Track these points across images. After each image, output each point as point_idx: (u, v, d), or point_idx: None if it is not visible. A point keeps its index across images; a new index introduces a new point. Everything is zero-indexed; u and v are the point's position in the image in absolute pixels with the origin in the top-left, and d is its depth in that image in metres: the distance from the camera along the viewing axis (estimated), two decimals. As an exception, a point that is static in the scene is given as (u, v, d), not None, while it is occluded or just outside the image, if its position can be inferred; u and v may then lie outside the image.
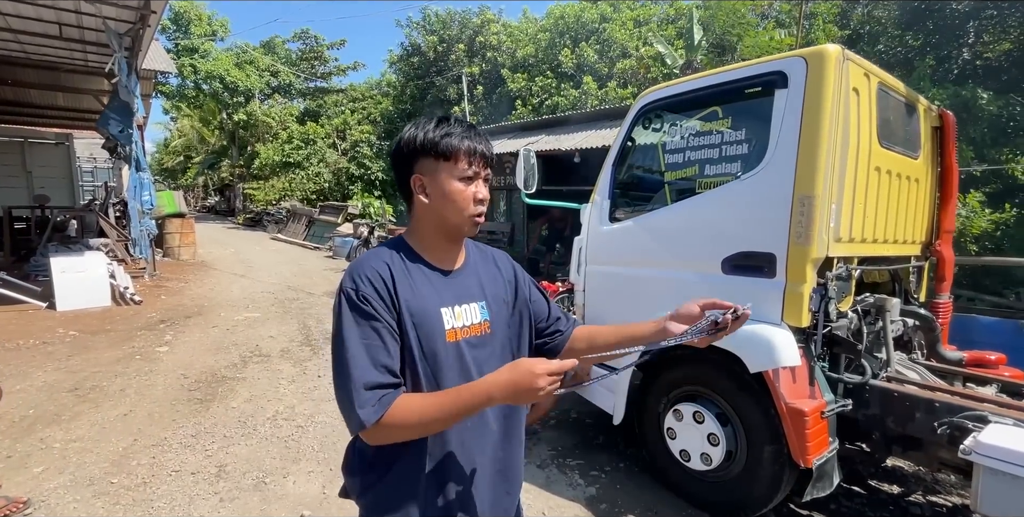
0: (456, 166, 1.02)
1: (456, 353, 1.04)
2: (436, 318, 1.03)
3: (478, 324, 1.08)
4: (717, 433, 2.37)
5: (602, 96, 10.98)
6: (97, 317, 6.07)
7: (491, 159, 1.06)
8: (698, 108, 2.63)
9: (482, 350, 1.09)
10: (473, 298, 1.10)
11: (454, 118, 1.06)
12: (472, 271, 1.13)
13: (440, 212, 1.04)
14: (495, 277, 1.16)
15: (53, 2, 5.75)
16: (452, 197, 1.02)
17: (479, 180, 1.04)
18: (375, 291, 0.98)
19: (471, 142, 1.02)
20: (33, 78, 10.35)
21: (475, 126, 1.07)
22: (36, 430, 3.22)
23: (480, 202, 1.05)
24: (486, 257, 1.19)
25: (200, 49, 20.94)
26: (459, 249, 1.12)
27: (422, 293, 1.03)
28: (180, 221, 11.02)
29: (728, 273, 2.37)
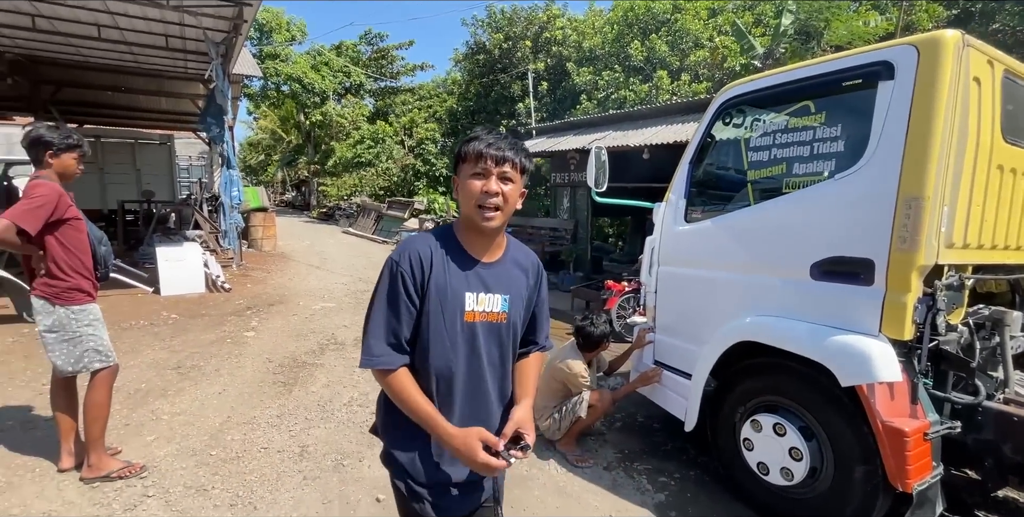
0: (470, 166, 1.19)
1: (470, 331, 1.23)
2: (460, 299, 1.21)
3: (497, 313, 1.26)
4: (800, 448, 2.24)
5: (673, 90, 10.59)
6: (194, 302, 6.66)
7: (502, 160, 1.18)
8: (788, 103, 2.47)
9: (493, 334, 1.27)
10: (499, 290, 1.26)
11: (493, 131, 1.23)
12: (505, 268, 1.29)
13: (462, 205, 1.23)
14: (522, 278, 1.32)
15: (162, 17, 6.33)
16: (465, 190, 1.20)
17: (491, 176, 1.18)
18: (411, 269, 1.19)
19: (483, 146, 1.18)
20: (142, 85, 11.48)
21: (506, 136, 1.22)
22: (148, 402, 3.60)
23: (486, 193, 1.17)
24: (523, 259, 1.34)
25: (281, 54, 22.33)
26: (490, 242, 1.26)
27: (454, 276, 1.21)
28: (263, 215, 11.84)
29: (817, 279, 2.22)
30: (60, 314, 2.57)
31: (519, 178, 1.22)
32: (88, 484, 2.59)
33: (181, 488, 2.61)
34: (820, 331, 2.14)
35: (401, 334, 1.20)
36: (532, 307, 1.36)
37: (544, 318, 1.42)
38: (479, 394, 1.27)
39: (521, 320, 1.32)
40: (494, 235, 1.25)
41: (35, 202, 2.43)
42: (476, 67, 17.57)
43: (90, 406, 2.65)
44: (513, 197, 1.21)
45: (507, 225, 1.26)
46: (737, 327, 2.48)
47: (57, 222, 2.52)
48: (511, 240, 1.35)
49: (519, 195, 1.25)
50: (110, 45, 7.79)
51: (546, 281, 1.40)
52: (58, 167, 2.58)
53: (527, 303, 1.33)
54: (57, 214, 2.50)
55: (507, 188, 1.19)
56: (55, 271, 2.55)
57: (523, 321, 1.33)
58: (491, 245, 1.27)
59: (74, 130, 2.69)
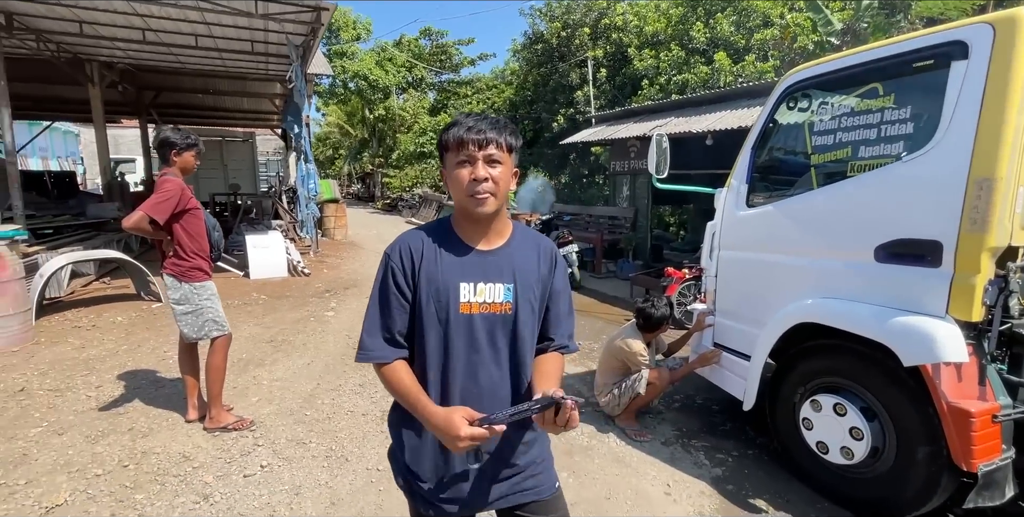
0: (453, 155, 1.14)
1: (467, 324, 1.16)
2: (453, 291, 1.15)
3: (499, 303, 1.17)
4: (861, 428, 2.28)
5: (737, 71, 10.20)
6: (278, 285, 7.32)
7: (485, 142, 1.11)
8: (855, 86, 2.46)
9: (498, 326, 1.18)
10: (501, 279, 1.18)
11: (472, 114, 1.18)
12: (508, 255, 1.21)
13: (453, 195, 1.18)
14: (530, 266, 1.22)
15: (250, 24, 6.93)
16: (454, 181, 1.15)
17: (477, 162, 1.11)
18: (400, 262, 1.17)
19: (462, 132, 1.12)
20: (227, 87, 12.53)
21: (486, 116, 1.16)
22: (249, 370, 4.10)
23: (475, 181, 1.11)
24: (531, 246, 1.25)
25: (348, 52, 23.35)
26: (486, 229, 1.19)
27: (445, 268, 1.16)
28: (335, 206, 12.62)
29: (882, 261, 2.23)
30: (185, 290, 3.02)
31: (508, 158, 1.15)
32: (210, 433, 3.05)
33: (284, 440, 3.01)
34: (883, 312, 2.16)
35: (394, 328, 1.17)
36: (546, 298, 1.25)
37: (562, 313, 1.28)
38: (481, 390, 1.19)
39: (533, 309, 1.21)
40: (490, 221, 1.18)
41: (164, 196, 2.87)
42: (534, 57, 17.60)
43: (210, 368, 3.11)
44: (504, 179, 1.14)
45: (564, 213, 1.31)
46: (798, 309, 2.52)
47: (181, 212, 2.96)
48: (518, 227, 1.27)
49: (511, 175, 1.18)
50: (204, 52, 8.59)
51: (564, 270, 1.29)
52: (181, 163, 3.02)
53: (541, 292, 1.23)
54: (181, 205, 2.93)
55: (496, 171, 1.12)
56: (180, 253, 3.00)
57: (537, 311, 1.23)
58: (488, 232, 1.20)
59: (192, 132, 3.13)
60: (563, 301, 1.28)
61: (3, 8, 6.40)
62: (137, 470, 2.67)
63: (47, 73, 9.62)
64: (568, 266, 7.50)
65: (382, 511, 2.39)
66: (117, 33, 7.55)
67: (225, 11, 6.17)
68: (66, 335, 4.83)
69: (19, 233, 4.67)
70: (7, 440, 2.94)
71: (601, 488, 2.59)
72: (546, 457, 1.31)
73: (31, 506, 2.36)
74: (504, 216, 1.23)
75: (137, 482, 2.57)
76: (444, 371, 1.18)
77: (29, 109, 12.67)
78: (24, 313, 4.57)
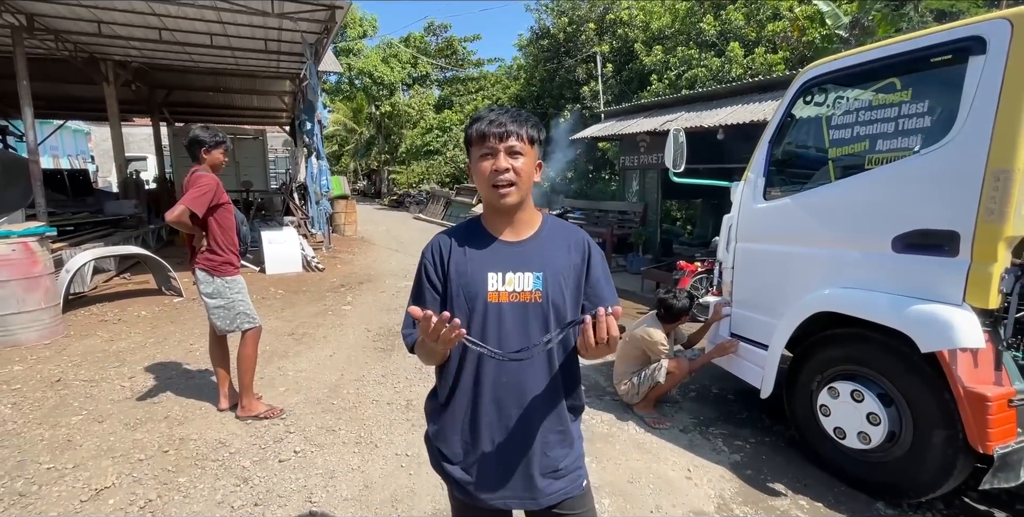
0: (476, 149, 1.18)
1: (496, 312, 1.18)
2: (481, 281, 1.19)
3: (529, 292, 1.19)
4: (879, 413, 2.35)
5: (748, 63, 10.19)
6: (294, 280, 7.44)
7: (506, 135, 1.14)
8: (872, 80, 2.52)
9: (529, 315, 1.19)
10: (530, 268, 1.20)
11: (495, 108, 1.21)
12: (537, 245, 1.23)
13: (479, 189, 1.21)
14: (560, 255, 1.23)
15: (265, 23, 7.01)
16: (478, 174, 1.19)
17: (499, 154, 1.15)
18: (432, 257, 1.24)
19: (484, 125, 1.15)
20: (238, 85, 12.62)
21: (509, 109, 1.19)
22: (274, 361, 4.21)
23: (496, 172, 1.15)
24: (561, 237, 1.26)
25: (353, 49, 23.41)
26: (511, 219, 1.22)
27: (473, 259, 1.21)
28: (345, 202, 12.73)
29: (900, 251, 2.30)
30: (218, 284, 3.12)
31: (530, 150, 1.17)
32: (243, 421, 3.16)
33: (314, 428, 3.12)
34: (901, 301, 2.23)
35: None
36: (583, 286, 1.24)
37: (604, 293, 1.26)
38: (511, 379, 1.21)
39: (565, 298, 1.21)
40: (513, 211, 1.21)
41: (201, 190, 2.97)
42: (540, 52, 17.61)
43: (241, 359, 3.21)
44: (527, 170, 1.17)
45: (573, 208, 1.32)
46: (816, 299, 2.59)
47: (216, 206, 3.06)
48: (549, 218, 1.30)
49: (535, 167, 1.20)
50: (218, 50, 8.69)
51: (601, 257, 1.29)
52: (210, 160, 3.12)
53: (575, 281, 1.23)
54: (216, 199, 3.04)
55: (517, 162, 1.15)
56: (214, 247, 3.09)
57: (570, 300, 1.22)
58: (515, 222, 1.23)
59: (220, 130, 3.22)
60: (603, 285, 1.27)
61: (25, 9, 6.52)
62: (177, 455, 2.78)
63: (62, 72, 9.74)
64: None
65: (414, 494, 2.49)
66: (134, 33, 7.66)
67: (242, 10, 6.26)
68: (94, 329, 4.96)
69: (48, 229, 4.80)
70: (51, 427, 3.06)
71: (624, 473, 2.68)
72: (580, 455, 1.33)
73: (81, 488, 2.48)
74: (531, 207, 1.25)
75: (178, 466, 2.68)
76: (477, 361, 1.21)
77: (43, 108, 12.82)
78: (55, 307, 4.71)
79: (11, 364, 4.05)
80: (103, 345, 4.51)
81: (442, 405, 1.28)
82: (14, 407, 3.33)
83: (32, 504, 2.36)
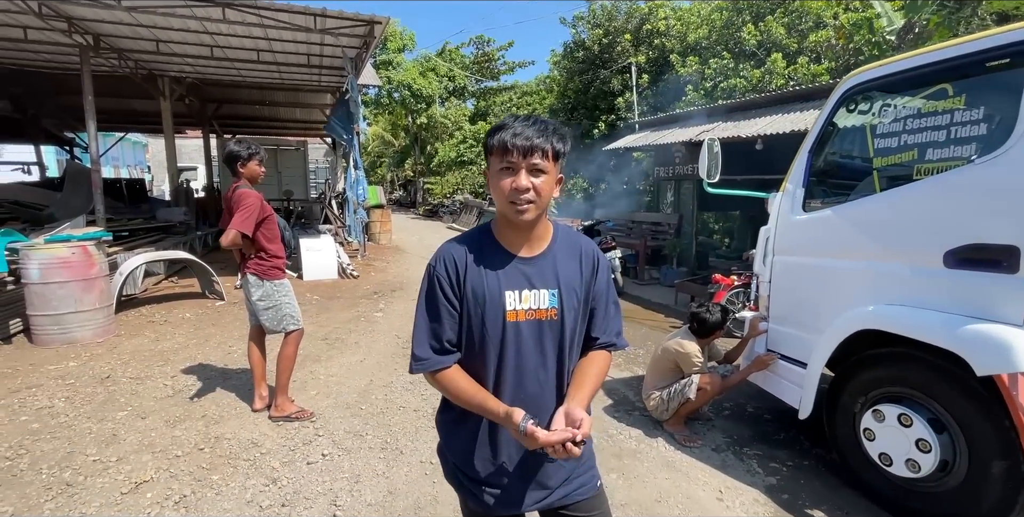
0: (497, 160, 1.11)
1: (515, 331, 1.16)
2: (498, 300, 1.15)
3: (545, 309, 1.17)
4: (929, 440, 2.20)
5: (790, 74, 9.93)
6: (329, 287, 7.63)
7: (530, 150, 1.08)
8: (921, 86, 2.40)
9: (545, 333, 1.18)
10: (546, 285, 1.18)
11: (520, 117, 1.14)
12: (551, 260, 1.20)
13: (495, 201, 1.17)
14: (574, 269, 1.21)
15: (308, 39, 7.32)
16: (496, 188, 1.13)
17: (520, 171, 1.09)
18: (446, 272, 1.17)
19: (508, 137, 1.09)
20: (283, 98, 13.20)
21: (536, 120, 1.13)
22: (307, 365, 4.31)
23: (516, 190, 1.09)
24: (572, 249, 1.24)
25: (393, 62, 24.11)
26: (528, 235, 1.18)
27: (490, 276, 1.16)
28: (380, 211, 13.03)
29: (952, 267, 2.16)
30: (267, 287, 3.23)
31: (553, 166, 1.12)
32: (275, 422, 3.24)
33: (342, 432, 3.16)
34: (953, 320, 2.09)
35: (443, 337, 1.17)
36: (591, 296, 1.24)
37: (606, 312, 1.27)
38: (527, 397, 1.19)
39: (578, 315, 1.21)
40: (531, 228, 1.17)
41: (247, 211, 3.08)
42: (575, 64, 17.69)
43: (281, 359, 3.30)
44: (547, 189, 1.12)
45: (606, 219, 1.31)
46: (859, 315, 2.46)
47: (262, 220, 3.17)
48: (559, 228, 1.26)
49: (555, 183, 1.16)
50: (264, 65, 9.12)
51: (607, 270, 1.28)
52: (247, 173, 3.23)
53: (585, 295, 1.22)
54: (261, 215, 3.15)
55: (539, 180, 1.10)
56: (263, 255, 3.21)
57: (582, 316, 1.23)
58: (530, 238, 1.19)
59: (254, 141, 3.32)
60: (607, 300, 1.27)
61: (92, 30, 7.03)
62: (212, 453, 2.87)
63: (123, 88, 10.41)
64: (611, 272, 7.47)
65: (437, 502, 2.47)
66: (188, 50, 8.13)
67: (287, 27, 6.56)
68: (143, 329, 5.21)
69: (104, 234, 5.10)
70: (99, 421, 3.22)
71: (651, 491, 2.60)
72: (590, 456, 1.33)
73: (123, 480, 2.59)
74: (545, 220, 1.21)
75: (212, 464, 2.76)
76: (497, 381, 1.19)
77: (106, 121, 13.73)
78: (108, 308, 4.97)
79: (67, 360, 4.29)
80: (150, 345, 4.73)
81: (456, 420, 1.28)
82: (67, 401, 3.52)
83: (77, 494, 2.48)
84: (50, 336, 4.62)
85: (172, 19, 6.45)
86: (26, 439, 2.98)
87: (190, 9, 6.03)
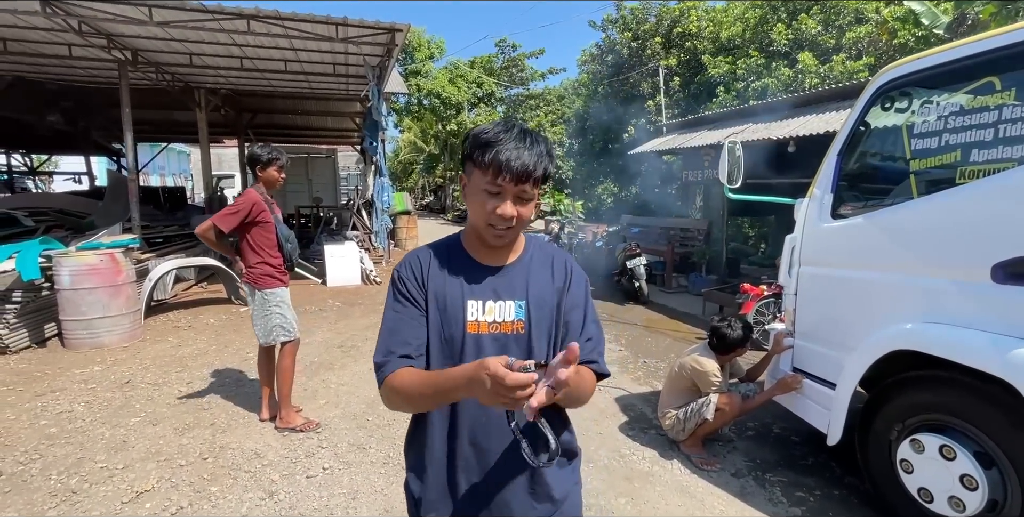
0: (484, 177, 1.00)
1: (475, 345, 1.05)
2: (459, 309, 1.06)
3: (510, 322, 1.07)
4: (975, 476, 1.96)
5: (824, 73, 9.48)
6: (352, 292, 7.69)
7: (523, 176, 0.97)
8: (964, 81, 2.17)
9: (511, 348, 1.06)
10: (512, 296, 1.08)
11: (518, 127, 1.02)
12: (521, 270, 1.11)
13: (470, 213, 1.08)
14: (545, 280, 1.12)
15: (332, 48, 7.44)
16: (474, 205, 1.03)
17: (507, 197, 1.00)
18: (412, 276, 1.09)
19: (502, 158, 0.97)
20: (314, 107, 13.51)
21: (527, 135, 1.01)
22: (320, 373, 4.30)
23: (500, 217, 1.00)
24: (545, 259, 1.15)
25: (422, 70, 24.46)
26: (499, 250, 1.10)
27: (452, 284, 1.07)
28: (407, 217, 13.16)
29: (1002, 282, 1.92)
30: (258, 295, 3.21)
31: (537, 192, 1.04)
32: (280, 432, 3.21)
33: (346, 444, 3.10)
34: (1003, 341, 1.85)
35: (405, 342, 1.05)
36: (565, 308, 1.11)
37: (583, 328, 1.11)
38: (491, 418, 1.06)
39: (548, 330, 1.10)
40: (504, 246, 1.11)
41: (232, 209, 3.08)
42: (604, 68, 17.49)
43: (279, 371, 3.28)
44: (527, 214, 1.04)
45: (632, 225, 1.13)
46: (894, 334, 2.23)
47: (250, 224, 3.13)
48: (531, 239, 1.18)
49: (536, 205, 1.09)
50: (292, 75, 9.34)
51: (583, 283, 1.15)
52: (265, 178, 3.22)
53: (557, 309, 1.11)
54: (251, 217, 3.11)
55: (524, 209, 1.02)
56: (247, 262, 3.19)
57: (552, 330, 1.11)
58: (503, 251, 1.12)
59: (276, 147, 3.29)
60: (583, 315, 1.12)
61: (131, 46, 7.34)
62: (215, 463, 2.85)
63: (164, 100, 10.87)
64: (636, 280, 7.24)
65: (434, 524, 2.37)
66: (220, 62, 8.40)
67: (310, 37, 6.67)
68: (167, 334, 5.34)
69: (132, 242, 5.26)
70: (112, 427, 3.27)
71: (662, 519, 2.42)
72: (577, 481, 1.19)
73: (125, 489, 2.59)
74: None
75: (214, 475, 2.74)
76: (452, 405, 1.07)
77: (150, 132, 14.40)
78: (135, 313, 5.12)
79: (93, 364, 4.42)
80: (171, 350, 4.82)
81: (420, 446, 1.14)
82: (86, 405, 3.60)
83: (80, 502, 2.49)
84: (80, 340, 4.78)
85: (202, 33, 6.66)
86: (42, 444, 3.04)
87: (217, 22, 6.21)
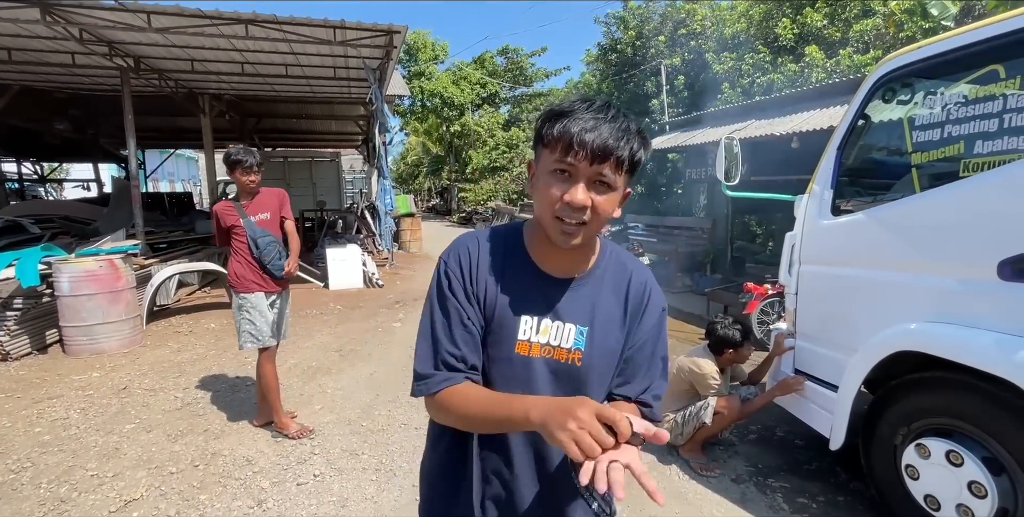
0: (550, 154, 0.82)
1: (524, 368, 0.90)
2: (511, 323, 0.90)
3: (566, 350, 0.91)
4: (984, 483, 1.86)
5: (831, 67, 9.33)
6: (354, 296, 7.67)
7: (602, 154, 0.78)
8: (967, 70, 2.08)
9: (563, 378, 0.91)
10: (575, 319, 0.91)
11: (595, 103, 0.83)
12: (591, 289, 0.93)
13: (536, 205, 0.88)
14: (615, 305, 0.94)
15: (331, 51, 7.44)
16: (540, 192, 0.85)
17: (579, 179, 0.80)
18: (460, 269, 0.91)
19: (576, 128, 0.78)
20: (317, 111, 13.56)
21: (613, 110, 0.82)
22: (316, 378, 4.26)
23: (568, 205, 0.80)
24: (621, 275, 0.96)
25: (426, 72, 24.51)
26: (566, 254, 0.91)
27: (508, 290, 0.90)
28: (410, 220, 13.15)
29: (1009, 279, 1.83)
30: (235, 299, 3.17)
31: (622, 181, 0.83)
32: (273, 439, 3.17)
33: (338, 451, 3.06)
34: (1010, 342, 1.76)
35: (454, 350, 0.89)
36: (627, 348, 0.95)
37: (649, 366, 0.96)
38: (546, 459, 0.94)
39: (608, 365, 0.94)
40: (574, 249, 0.89)
41: (213, 225, 3.17)
42: (608, 67, 17.37)
43: (258, 378, 3.25)
44: (608, 209, 0.83)
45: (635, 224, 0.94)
46: (898, 335, 2.14)
47: (227, 231, 3.11)
48: (608, 248, 0.97)
49: (620, 200, 0.86)
50: (294, 80, 9.35)
51: (659, 311, 0.97)
52: (236, 182, 3.13)
53: (624, 339, 0.94)
54: (224, 225, 3.10)
55: (601, 198, 0.81)
56: (230, 266, 3.17)
57: (613, 365, 0.95)
58: (572, 258, 0.93)
59: (244, 148, 3.03)
60: (652, 351, 0.96)
61: (132, 53, 7.39)
62: (205, 471, 2.82)
63: (169, 107, 10.94)
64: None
65: (423, 532, 2.31)
66: (221, 68, 8.44)
67: (309, 41, 6.66)
68: (167, 339, 5.34)
69: (132, 247, 5.28)
70: (106, 434, 3.25)
71: (659, 527, 2.35)
72: None
73: (113, 498, 2.56)
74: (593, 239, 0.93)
75: (203, 483, 2.71)
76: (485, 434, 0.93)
77: (156, 139, 14.54)
78: (135, 319, 5.12)
79: (92, 370, 4.42)
80: (170, 355, 4.82)
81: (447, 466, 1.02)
82: (82, 412, 3.59)
83: (68, 511, 2.47)
84: (80, 346, 4.79)
85: (202, 38, 6.68)
86: (34, 452, 3.03)
87: (216, 27, 6.22)
